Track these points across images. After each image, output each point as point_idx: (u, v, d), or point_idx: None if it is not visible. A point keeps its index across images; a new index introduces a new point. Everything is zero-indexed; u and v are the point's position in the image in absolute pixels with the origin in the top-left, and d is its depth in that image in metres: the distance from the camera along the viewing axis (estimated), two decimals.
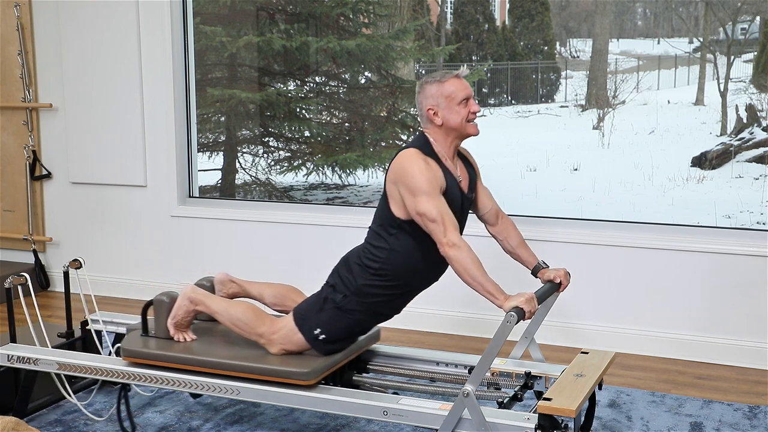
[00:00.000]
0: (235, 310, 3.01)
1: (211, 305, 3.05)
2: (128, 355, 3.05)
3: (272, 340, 2.94)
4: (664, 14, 5.35)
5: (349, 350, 3.02)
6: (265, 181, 5.80)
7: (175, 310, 3.08)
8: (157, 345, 3.06)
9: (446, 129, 2.86)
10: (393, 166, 2.83)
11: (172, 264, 5.18)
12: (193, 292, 3.08)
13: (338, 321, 2.90)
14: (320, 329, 2.90)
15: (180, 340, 3.08)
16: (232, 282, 3.28)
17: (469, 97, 2.85)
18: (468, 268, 2.67)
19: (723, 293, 4.07)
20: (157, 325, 3.13)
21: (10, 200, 5.52)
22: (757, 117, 4.85)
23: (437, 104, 2.84)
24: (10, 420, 2.41)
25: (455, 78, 2.85)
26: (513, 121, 5.68)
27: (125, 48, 5.05)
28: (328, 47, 5.42)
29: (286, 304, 3.17)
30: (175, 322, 3.08)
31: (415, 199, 2.73)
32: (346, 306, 2.89)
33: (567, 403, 2.55)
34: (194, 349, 3.02)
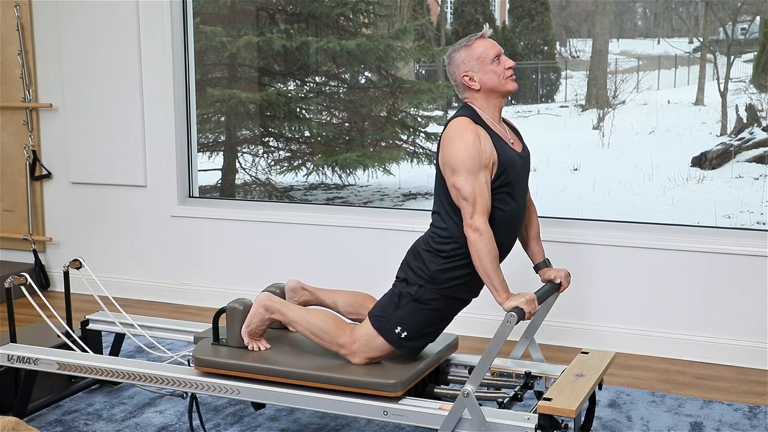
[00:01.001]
0: (315, 319, 2.89)
1: (288, 314, 2.94)
2: (200, 365, 2.94)
3: (354, 350, 2.83)
4: (664, 14, 5.35)
5: (430, 361, 2.91)
6: (265, 181, 5.80)
7: (249, 318, 2.97)
8: (230, 354, 2.95)
9: (486, 92, 2.79)
10: (443, 138, 2.75)
11: (172, 264, 5.18)
12: (269, 300, 2.97)
13: (418, 314, 2.79)
14: (401, 327, 2.80)
15: (254, 349, 2.98)
16: (304, 289, 3.15)
17: (500, 54, 2.79)
18: (483, 256, 2.64)
19: (723, 293, 4.06)
20: (230, 333, 3.01)
21: (10, 200, 5.52)
22: (757, 117, 4.85)
23: (470, 68, 2.78)
24: (10, 420, 2.41)
25: (481, 39, 2.80)
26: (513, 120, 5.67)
27: (125, 48, 5.05)
28: (328, 47, 5.42)
29: (361, 312, 3.05)
30: (250, 330, 2.97)
31: (454, 173, 2.67)
32: (424, 296, 2.78)
33: (567, 403, 2.55)
34: (271, 359, 2.91)
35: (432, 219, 2.86)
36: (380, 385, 2.71)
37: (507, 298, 2.64)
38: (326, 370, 2.79)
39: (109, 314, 3.65)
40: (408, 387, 2.76)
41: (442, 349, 3.03)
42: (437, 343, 3.02)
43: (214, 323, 3.06)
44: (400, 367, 2.81)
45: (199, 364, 2.95)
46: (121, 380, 3.08)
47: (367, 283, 4.65)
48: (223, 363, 2.91)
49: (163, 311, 4.91)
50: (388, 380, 2.71)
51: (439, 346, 3.02)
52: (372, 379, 2.73)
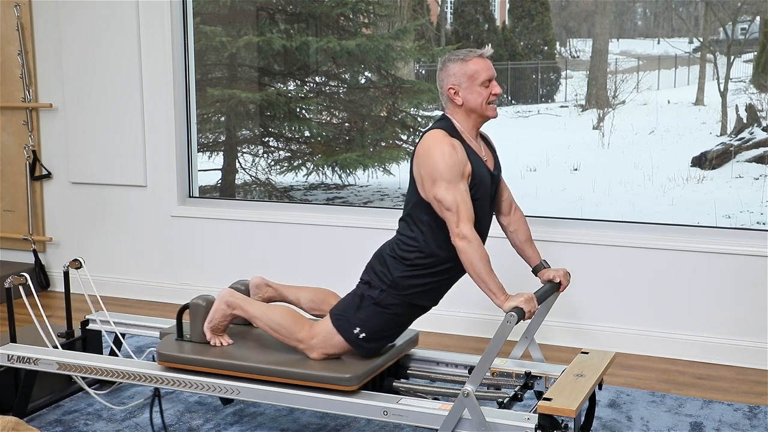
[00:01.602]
0: (274, 314, 2.95)
1: (250, 309, 2.99)
2: (164, 360, 2.99)
3: (312, 345, 2.88)
4: (664, 14, 5.35)
5: (389, 355, 2.96)
6: (265, 181, 5.80)
7: (212, 314, 3.02)
8: (193, 349, 3.00)
9: (467, 109, 2.81)
10: (419, 150, 2.77)
11: (172, 264, 5.18)
12: (231, 296, 3.02)
13: (378, 318, 2.84)
14: (360, 328, 2.84)
15: (216, 345, 3.02)
16: (268, 286, 3.21)
17: (492, 78, 2.81)
18: (474, 263, 2.66)
19: (723, 293, 4.06)
20: (193, 329, 3.07)
21: (10, 200, 5.52)
22: (757, 117, 4.85)
23: (459, 83, 2.80)
24: (10, 420, 2.41)
25: (479, 57, 2.81)
26: (513, 121, 5.68)
27: (125, 48, 5.05)
28: (328, 47, 5.42)
29: (323, 308, 3.09)
30: (212, 326, 3.02)
31: (435, 184, 2.70)
32: (384, 301, 2.83)
33: (567, 403, 2.55)
34: (232, 354, 2.96)
35: (399, 226, 2.90)
36: (336, 379, 2.77)
37: (505, 299, 2.64)
38: (284, 365, 2.85)
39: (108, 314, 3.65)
40: (363, 381, 2.81)
41: (402, 344, 3.08)
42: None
43: (178, 319, 3.11)
44: (357, 362, 2.87)
45: (162, 360, 3.00)
46: (120, 380, 3.09)
47: None
48: (186, 358, 2.97)
49: (163, 311, 4.91)
50: (344, 374, 2.77)
51: (399, 341, 3.07)
52: (328, 374, 2.78)
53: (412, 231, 2.82)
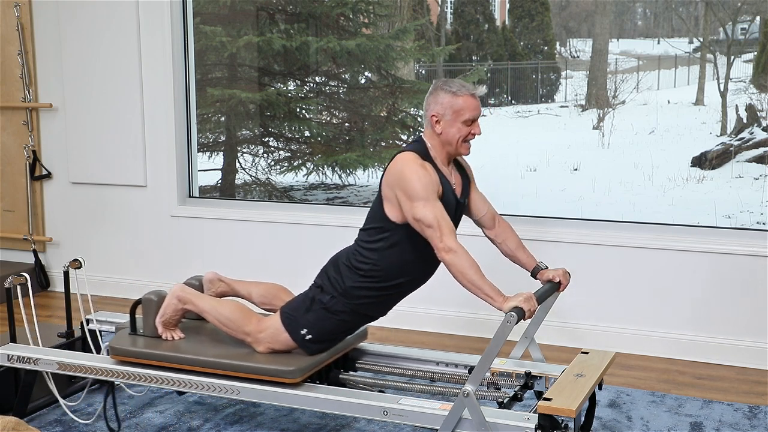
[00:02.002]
0: (223, 308, 3.03)
1: (200, 304, 3.07)
2: (116, 354, 3.06)
3: (259, 338, 2.96)
4: (664, 14, 5.35)
5: (335, 349, 3.04)
6: (265, 181, 5.80)
7: (163, 309, 3.10)
8: (145, 344, 3.08)
9: (443, 140, 2.86)
10: (390, 170, 2.82)
11: (172, 264, 5.18)
12: (182, 291, 3.10)
13: (325, 322, 2.91)
14: (307, 329, 2.91)
15: (168, 339, 3.10)
16: (221, 281, 3.30)
17: (476, 119, 2.85)
18: (465, 272, 2.67)
19: (723, 293, 4.06)
20: (145, 323, 3.15)
21: (10, 200, 5.52)
22: (757, 117, 4.85)
23: (443, 114, 2.83)
24: (10, 420, 2.41)
25: (470, 96, 2.83)
26: (513, 121, 5.68)
27: (125, 48, 5.05)
28: (328, 47, 5.42)
29: (275, 303, 3.18)
30: (164, 320, 3.10)
31: (412, 204, 2.73)
32: (334, 307, 2.90)
33: (567, 403, 2.55)
34: (182, 348, 3.04)
35: (359, 235, 2.95)
36: (280, 372, 2.83)
37: (503, 300, 2.64)
38: (230, 358, 2.92)
39: (108, 314, 3.65)
40: (307, 374, 2.88)
41: (350, 338, 3.12)
42: None
43: (131, 314, 3.17)
44: (302, 355, 2.94)
45: (114, 353, 3.07)
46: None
47: None
48: (137, 352, 3.04)
49: None
50: (288, 367, 2.84)
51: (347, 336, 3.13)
52: (272, 366, 2.85)
53: (371, 244, 2.87)
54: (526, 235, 4.27)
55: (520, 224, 4.39)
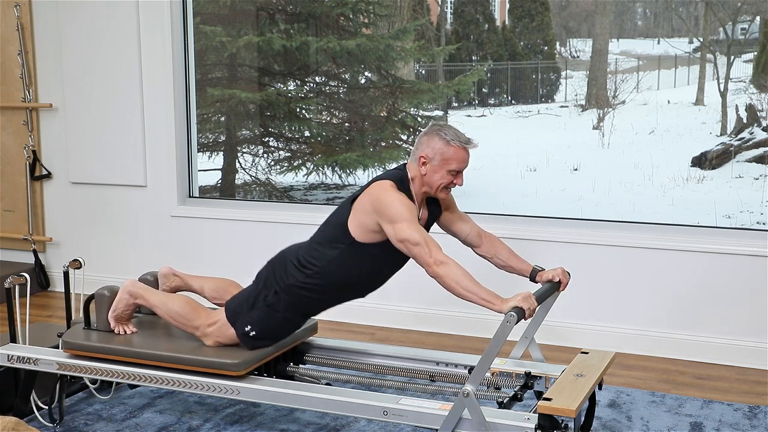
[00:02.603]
0: (173, 303, 3.10)
1: (150, 299, 3.14)
2: (69, 348, 3.13)
3: (207, 333, 3.03)
4: (664, 14, 5.35)
5: (283, 342, 3.09)
6: (265, 181, 5.80)
7: (115, 304, 3.16)
8: (97, 338, 3.14)
9: (425, 181, 2.90)
10: (369, 196, 2.84)
11: (172, 264, 5.13)
12: (133, 286, 3.17)
13: (269, 319, 2.97)
14: (251, 326, 2.98)
15: (120, 333, 3.15)
16: (175, 276, 3.37)
17: (461, 170, 2.90)
18: (459, 281, 2.68)
19: (723, 293, 4.06)
20: (98, 318, 3.21)
21: (10, 200, 5.52)
22: (757, 117, 4.85)
23: (432, 158, 2.87)
24: (10, 420, 2.41)
25: (462, 148, 2.87)
26: (513, 121, 5.68)
27: (125, 48, 5.05)
28: (328, 47, 5.42)
29: (225, 297, 3.22)
30: (116, 315, 3.16)
31: (395, 226, 2.76)
32: (276, 305, 2.96)
33: (567, 403, 2.55)
34: (133, 342, 3.10)
35: (316, 236, 3.00)
36: (224, 364, 2.90)
37: (502, 303, 2.64)
38: (178, 351, 2.98)
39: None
40: (252, 367, 2.95)
41: (298, 332, 3.18)
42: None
43: (85, 309, 3.23)
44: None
45: (66, 347, 3.14)
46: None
47: None
48: (88, 346, 3.10)
49: None
50: (233, 360, 2.90)
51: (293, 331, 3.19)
52: (218, 359, 2.92)
53: (323, 250, 2.92)
54: (526, 235, 4.29)
55: (520, 224, 4.41)
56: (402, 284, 4.44)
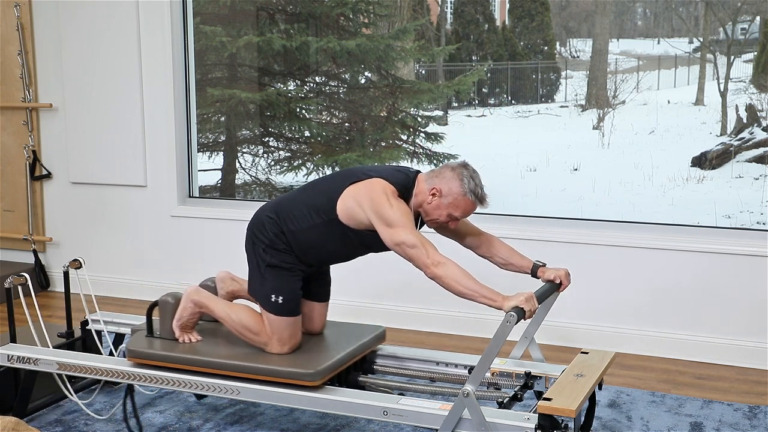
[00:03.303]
0: (237, 315, 3.04)
1: (215, 310, 3.08)
2: (133, 356, 3.05)
3: (267, 341, 2.97)
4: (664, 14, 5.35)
5: (354, 351, 3.02)
6: (265, 181, 5.80)
7: (179, 312, 3.10)
8: (162, 346, 3.07)
9: (423, 207, 2.91)
10: (368, 195, 2.84)
11: (172, 264, 5.18)
12: (197, 295, 3.11)
13: (281, 278, 2.95)
14: (274, 294, 2.95)
15: (185, 341, 3.10)
16: (233, 280, 3.34)
17: (460, 218, 2.92)
18: (459, 280, 2.68)
19: (723, 293, 4.06)
20: (162, 326, 3.14)
21: (10, 200, 5.52)
22: (757, 117, 4.85)
23: (444, 196, 2.87)
24: (10, 420, 2.41)
25: (473, 203, 2.88)
26: (513, 121, 5.69)
27: (125, 48, 5.05)
28: (328, 47, 5.42)
29: None
30: (181, 323, 3.10)
31: (392, 230, 2.77)
32: (273, 260, 2.95)
33: (567, 403, 2.55)
34: (199, 350, 3.03)
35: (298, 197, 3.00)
36: (299, 374, 2.82)
37: (503, 300, 2.64)
38: (248, 360, 2.91)
39: (108, 314, 3.65)
40: (327, 377, 2.86)
41: (368, 341, 3.13)
42: (363, 334, 3.17)
43: (148, 316, 3.17)
44: (320, 357, 2.93)
45: (131, 356, 3.06)
46: (126, 381, 3.09)
47: (367, 281, 4.65)
48: (154, 354, 3.03)
49: None
50: (307, 370, 2.82)
51: (365, 338, 3.14)
52: (292, 369, 2.84)
53: (306, 214, 2.93)
54: (526, 235, 4.28)
55: (520, 224, 4.41)
56: (402, 284, 4.45)
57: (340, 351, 3.01)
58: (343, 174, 2.99)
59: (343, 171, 3.03)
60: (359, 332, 3.21)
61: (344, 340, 3.12)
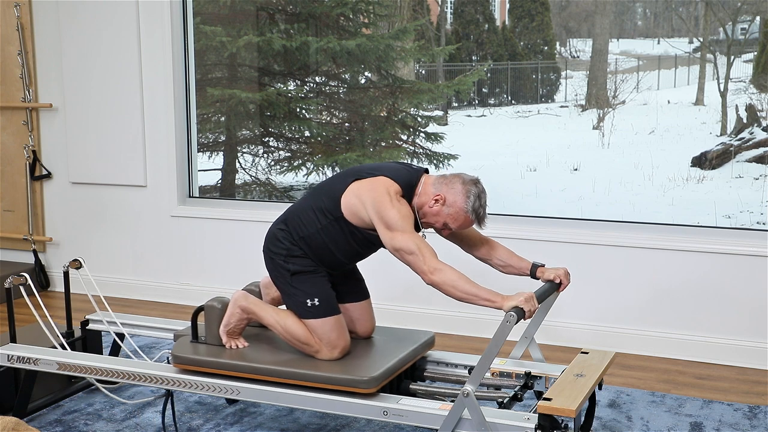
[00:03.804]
0: (285, 323, 2.98)
1: (264, 317, 3.03)
2: (179, 362, 3.00)
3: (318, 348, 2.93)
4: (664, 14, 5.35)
5: (406, 357, 2.97)
6: (265, 181, 5.80)
7: (227, 318, 3.05)
8: (209, 352, 3.01)
9: (425, 211, 2.91)
10: (371, 193, 2.84)
11: (172, 264, 5.18)
12: (245, 301, 3.05)
13: (308, 281, 2.94)
14: (309, 299, 2.93)
15: (232, 347, 3.05)
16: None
17: (456, 228, 2.92)
18: (457, 285, 2.68)
19: (723, 293, 4.07)
20: (208, 331, 3.09)
21: (10, 200, 5.52)
22: (757, 117, 4.86)
23: (447, 206, 2.87)
24: (10, 420, 2.41)
25: (472, 221, 2.89)
26: (513, 121, 5.69)
27: (125, 48, 5.05)
28: (328, 47, 5.42)
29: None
30: (228, 330, 3.06)
31: (391, 233, 2.78)
32: (296, 267, 2.94)
33: (567, 403, 2.55)
34: (248, 356, 2.98)
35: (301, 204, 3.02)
36: (354, 381, 2.76)
37: (503, 300, 2.64)
38: (301, 367, 2.86)
39: (109, 314, 3.65)
40: (382, 384, 2.80)
41: (418, 347, 3.09)
42: (413, 340, 3.12)
43: (193, 321, 3.13)
44: (374, 364, 2.87)
45: (177, 362, 3.01)
46: (120, 380, 3.09)
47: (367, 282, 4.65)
48: (202, 360, 2.98)
49: (163, 311, 4.91)
50: (362, 377, 2.77)
51: (415, 344, 3.09)
52: (346, 376, 2.78)
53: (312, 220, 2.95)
54: (526, 235, 4.29)
55: (520, 224, 4.41)
56: (402, 284, 4.45)
57: (393, 357, 2.93)
58: (347, 172, 2.98)
59: (348, 170, 3.02)
60: (409, 337, 3.14)
61: (395, 346, 3.05)
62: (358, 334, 3.14)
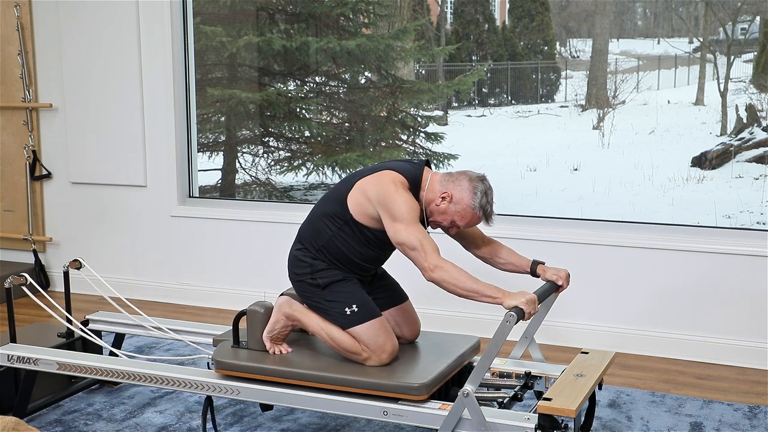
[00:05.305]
0: (331, 332, 2.92)
1: (310, 325, 2.97)
2: (222, 368, 2.94)
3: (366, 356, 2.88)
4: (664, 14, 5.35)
5: (454, 363, 2.93)
6: (265, 181, 5.80)
7: (272, 325, 3.00)
8: (252, 357, 2.96)
9: (432, 208, 2.89)
10: (377, 186, 2.83)
11: (172, 264, 5.18)
12: (290, 308, 3.00)
13: (340, 289, 2.89)
14: (347, 307, 2.87)
15: (276, 353, 3.00)
16: None
17: (462, 226, 2.90)
18: (457, 282, 2.67)
19: (723, 293, 4.07)
20: (250, 336, 3.03)
21: (10, 200, 5.52)
22: (757, 117, 4.86)
23: (454, 203, 2.85)
24: (10, 420, 2.41)
25: (480, 218, 2.86)
26: (513, 121, 5.69)
27: (125, 48, 5.05)
28: (328, 47, 5.43)
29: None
30: (272, 336, 3.01)
31: (395, 225, 2.76)
32: (325, 279, 2.90)
33: (567, 403, 2.55)
34: (293, 362, 2.92)
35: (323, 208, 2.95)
36: (404, 388, 2.70)
37: (504, 296, 2.64)
38: (350, 374, 2.80)
39: (109, 314, 3.65)
40: (433, 390, 2.74)
41: (465, 352, 3.03)
42: (460, 345, 3.06)
43: (235, 326, 3.07)
44: (424, 370, 2.82)
45: (220, 367, 2.95)
46: (121, 380, 3.09)
47: None
48: (245, 366, 2.92)
49: (163, 311, 4.91)
50: (413, 383, 2.71)
51: (462, 349, 3.03)
52: (396, 383, 2.73)
53: (324, 227, 2.91)
54: (526, 235, 4.29)
55: (520, 224, 4.41)
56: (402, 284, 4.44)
57: (442, 363, 2.87)
58: (351, 175, 2.97)
59: (351, 173, 3.00)
60: (456, 342, 3.10)
61: (442, 352, 3.00)
62: (405, 337, 3.09)
